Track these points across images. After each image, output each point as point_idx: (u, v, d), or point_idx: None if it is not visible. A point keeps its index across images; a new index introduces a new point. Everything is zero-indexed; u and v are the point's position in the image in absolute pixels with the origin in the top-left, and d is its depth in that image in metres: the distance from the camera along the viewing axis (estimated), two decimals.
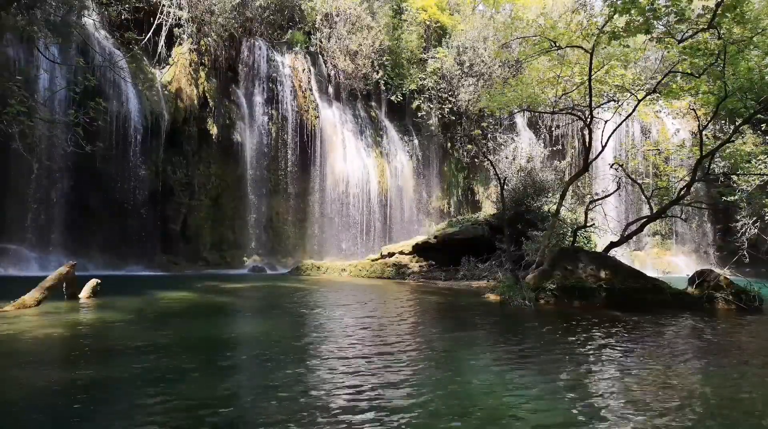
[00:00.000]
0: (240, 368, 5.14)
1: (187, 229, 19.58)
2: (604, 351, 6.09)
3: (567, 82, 13.99)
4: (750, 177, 16.52)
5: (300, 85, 22.51)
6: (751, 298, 10.03)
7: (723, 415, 3.89)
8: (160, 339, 6.14)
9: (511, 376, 4.79)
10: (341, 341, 6.32)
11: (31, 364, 4.93)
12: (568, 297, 10.12)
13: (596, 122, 13.68)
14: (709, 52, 10.32)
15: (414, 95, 25.60)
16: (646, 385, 4.63)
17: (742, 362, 5.84)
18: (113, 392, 4.16)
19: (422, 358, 5.53)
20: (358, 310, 9.39)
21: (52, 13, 14.89)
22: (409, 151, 25.79)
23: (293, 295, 11.58)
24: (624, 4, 10.02)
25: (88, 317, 7.68)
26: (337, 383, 4.44)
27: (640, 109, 14.43)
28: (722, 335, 7.74)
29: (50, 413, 3.73)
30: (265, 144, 21.37)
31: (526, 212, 16.39)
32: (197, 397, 4.03)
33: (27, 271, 14.82)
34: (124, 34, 18.36)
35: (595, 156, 14.70)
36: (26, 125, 11.56)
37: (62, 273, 8.62)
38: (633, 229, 13.17)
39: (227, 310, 9.44)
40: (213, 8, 20.19)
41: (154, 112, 18.38)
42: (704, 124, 13.27)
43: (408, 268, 16.77)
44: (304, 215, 22.46)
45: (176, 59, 19.74)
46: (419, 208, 25.61)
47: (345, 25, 23.72)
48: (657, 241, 27.01)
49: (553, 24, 12.85)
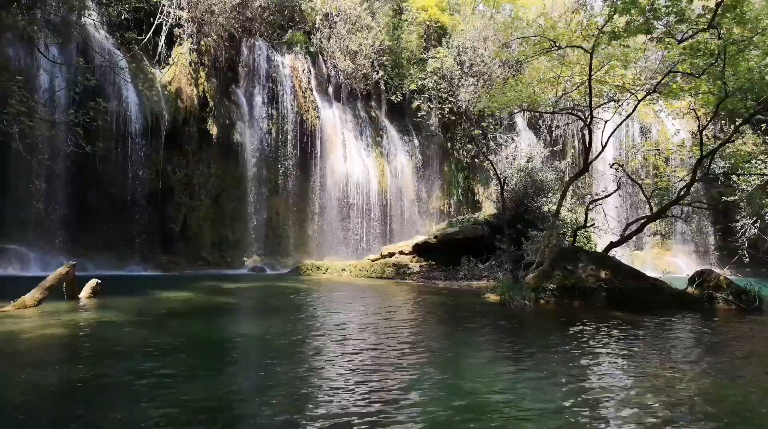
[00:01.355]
0: (240, 368, 5.15)
1: (187, 229, 19.57)
2: (604, 351, 6.09)
3: (567, 82, 13.98)
4: (750, 177, 16.51)
5: (300, 85, 22.51)
6: (751, 298, 10.02)
7: (723, 416, 3.89)
8: (160, 339, 6.14)
9: (512, 377, 4.79)
10: (341, 341, 6.32)
11: (31, 365, 4.93)
12: (568, 297, 10.11)
13: (596, 122, 13.67)
14: (709, 52, 10.32)
15: (414, 95, 25.60)
16: (646, 385, 4.63)
17: (742, 362, 5.84)
18: (113, 392, 4.16)
19: (422, 358, 5.53)
20: (358, 310, 9.39)
21: (52, 13, 14.91)
22: (409, 151, 25.78)
23: (293, 295, 11.58)
24: (624, 4, 10.03)
25: (88, 317, 7.68)
26: (338, 383, 4.45)
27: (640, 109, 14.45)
28: (722, 335, 7.74)
29: (50, 414, 3.73)
30: (265, 144, 21.37)
31: (526, 212, 16.39)
32: (197, 397, 4.03)
33: (27, 271, 14.82)
34: (124, 34, 18.34)
35: (595, 156, 14.69)
36: (26, 125, 11.57)
37: (62, 273, 8.62)
38: (633, 229, 13.17)
39: (227, 310, 9.44)
40: (213, 8, 20.18)
41: (154, 112, 18.37)
42: (704, 124, 13.26)
43: (408, 268, 16.77)
44: (304, 215, 22.45)
45: (176, 59, 19.74)
46: (419, 208, 25.60)
47: (345, 25, 23.71)
48: (657, 241, 27.01)
49: (553, 24, 12.84)
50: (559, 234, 13.90)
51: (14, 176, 15.58)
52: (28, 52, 15.57)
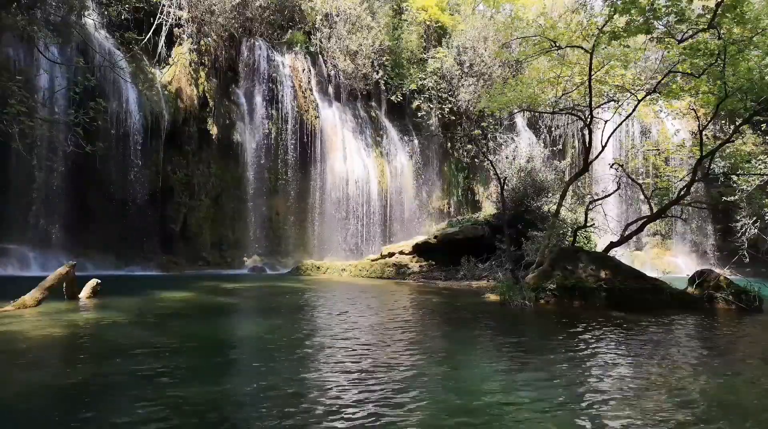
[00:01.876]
0: (240, 369, 5.15)
1: (187, 229, 19.58)
2: (604, 351, 6.09)
3: (567, 82, 13.98)
4: (750, 177, 16.53)
5: (300, 85, 22.50)
6: (751, 298, 10.03)
7: (723, 416, 3.89)
8: (160, 339, 6.14)
9: (512, 377, 4.79)
10: (341, 341, 6.32)
11: (31, 365, 4.93)
12: (568, 297, 10.11)
13: (596, 122, 13.67)
14: (709, 52, 10.32)
15: (414, 95, 25.59)
16: (646, 385, 4.62)
17: (742, 362, 5.84)
18: (113, 393, 4.16)
19: (422, 358, 5.53)
20: (357, 310, 9.39)
21: (52, 13, 14.89)
22: (409, 151, 25.77)
23: (293, 295, 11.58)
24: (624, 4, 10.03)
25: (88, 317, 7.68)
26: (338, 383, 4.44)
27: (640, 109, 14.44)
28: (722, 335, 7.75)
29: (50, 414, 3.73)
30: (265, 144, 21.36)
31: (526, 212, 16.39)
32: (197, 397, 4.03)
33: (27, 271, 14.81)
34: (124, 34, 18.33)
35: (595, 156, 14.69)
36: (26, 125, 11.56)
37: (62, 273, 8.62)
38: (633, 229, 13.17)
39: (227, 310, 9.44)
40: (213, 8, 20.18)
41: (154, 112, 18.37)
42: (704, 124, 13.27)
43: (408, 268, 16.77)
44: (304, 215, 22.45)
45: (176, 59, 19.73)
46: (419, 208, 25.59)
47: (345, 25, 23.71)
48: (657, 241, 27.00)
49: (553, 24, 12.85)
50: (559, 234, 13.91)
51: (14, 176, 15.58)
52: (28, 52, 15.56)
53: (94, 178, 16.76)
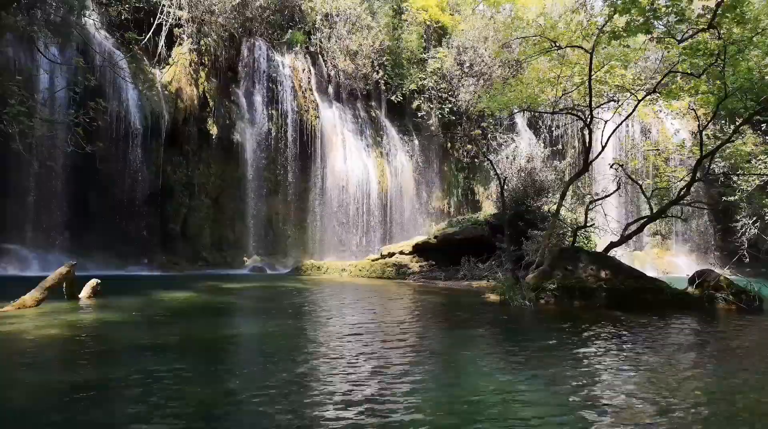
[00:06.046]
0: (241, 369, 5.14)
1: (187, 229, 19.58)
2: (604, 351, 6.09)
3: (567, 82, 13.98)
4: (750, 177, 16.54)
5: (300, 85, 22.50)
6: (751, 298, 10.03)
7: (724, 416, 3.89)
8: (161, 339, 6.14)
9: (512, 377, 4.78)
10: (342, 341, 6.32)
11: (31, 365, 4.93)
12: (569, 297, 10.11)
13: (596, 122, 13.67)
14: (709, 52, 10.32)
15: (414, 95, 25.57)
16: (646, 385, 4.63)
17: (742, 362, 5.84)
18: (113, 393, 4.16)
19: (422, 358, 5.53)
20: (358, 310, 9.39)
21: (52, 13, 14.89)
22: (409, 151, 25.77)
23: (293, 295, 11.58)
24: (624, 4, 10.03)
25: (88, 317, 7.68)
26: (338, 383, 4.45)
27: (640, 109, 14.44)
28: (722, 335, 7.75)
29: (50, 414, 3.72)
30: (265, 144, 21.35)
31: (526, 212, 16.37)
32: (198, 397, 4.03)
33: (27, 271, 14.81)
34: (124, 34, 18.30)
35: (595, 156, 14.70)
36: (26, 125, 11.53)
37: (62, 273, 8.61)
38: (633, 229, 13.17)
39: (227, 310, 9.45)
40: (213, 8, 20.18)
41: (154, 112, 18.37)
42: (704, 124, 13.27)
43: (408, 268, 16.77)
44: (304, 215, 22.45)
45: (176, 59, 19.73)
46: (419, 208, 25.59)
47: (345, 25, 23.70)
48: (657, 241, 27.01)
49: (553, 24, 12.85)
50: (559, 234, 13.89)
51: (14, 176, 15.58)
52: (28, 52, 15.57)
53: (94, 178, 16.75)
